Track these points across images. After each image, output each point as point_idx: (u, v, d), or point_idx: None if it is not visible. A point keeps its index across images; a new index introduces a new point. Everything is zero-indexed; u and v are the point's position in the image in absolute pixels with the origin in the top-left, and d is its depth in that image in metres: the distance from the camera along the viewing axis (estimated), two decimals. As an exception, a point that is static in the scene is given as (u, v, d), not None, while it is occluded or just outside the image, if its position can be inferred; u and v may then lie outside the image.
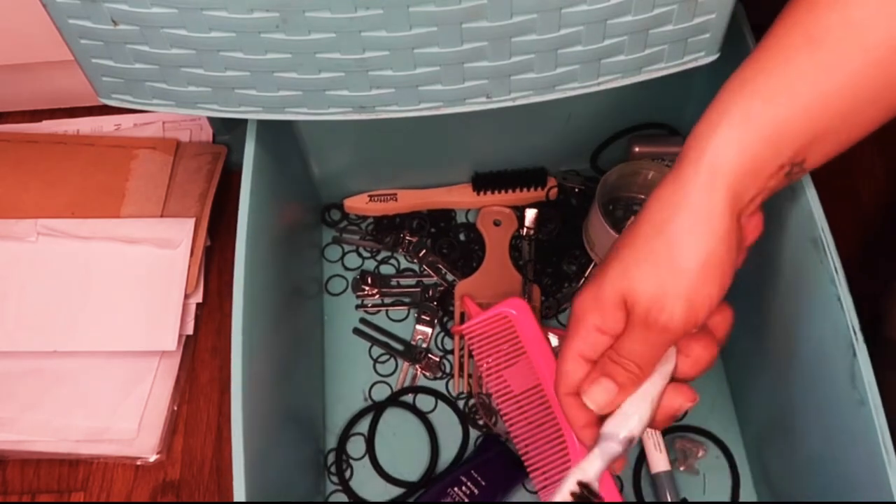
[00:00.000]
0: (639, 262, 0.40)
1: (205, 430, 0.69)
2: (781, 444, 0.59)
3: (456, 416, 0.68)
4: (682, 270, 0.39)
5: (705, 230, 0.39)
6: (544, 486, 0.61)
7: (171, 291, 0.71)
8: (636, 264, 0.40)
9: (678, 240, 0.39)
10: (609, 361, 0.42)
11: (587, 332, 0.42)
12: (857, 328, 0.46)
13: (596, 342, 0.42)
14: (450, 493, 0.63)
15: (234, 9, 0.43)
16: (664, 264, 0.39)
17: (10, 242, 0.74)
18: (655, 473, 0.63)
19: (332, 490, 0.66)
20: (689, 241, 0.39)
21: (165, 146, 0.79)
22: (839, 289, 0.47)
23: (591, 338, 0.42)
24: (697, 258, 0.39)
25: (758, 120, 0.39)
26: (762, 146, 0.39)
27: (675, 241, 0.39)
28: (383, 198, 0.75)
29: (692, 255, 0.39)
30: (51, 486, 0.67)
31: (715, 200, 0.39)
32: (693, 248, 0.39)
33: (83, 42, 0.47)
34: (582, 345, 0.43)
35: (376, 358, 0.70)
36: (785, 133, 0.39)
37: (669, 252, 0.39)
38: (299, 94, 0.49)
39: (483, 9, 0.44)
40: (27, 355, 0.70)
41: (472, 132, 0.67)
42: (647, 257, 0.40)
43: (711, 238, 0.39)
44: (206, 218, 0.74)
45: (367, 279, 0.73)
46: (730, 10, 0.48)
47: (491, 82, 0.49)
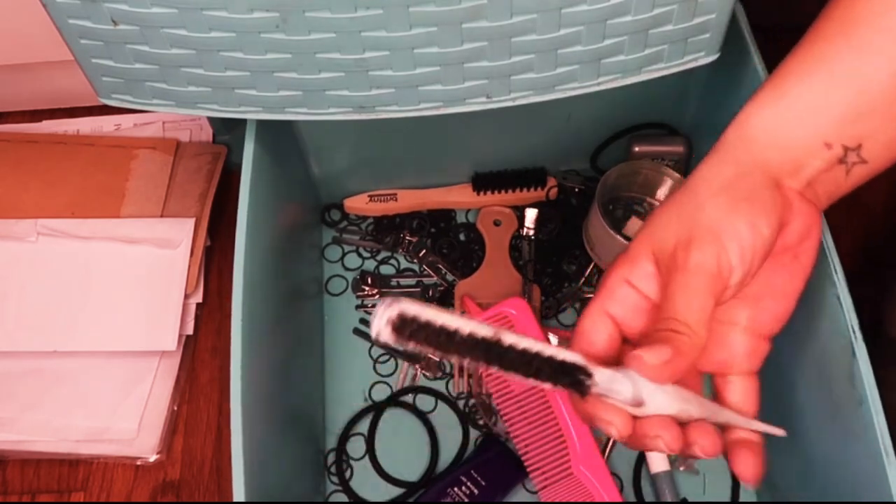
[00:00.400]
0: (665, 215, 0.38)
1: (205, 430, 0.69)
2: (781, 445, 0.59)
3: (456, 416, 0.68)
4: (707, 213, 0.37)
5: (734, 187, 0.37)
6: (544, 486, 0.61)
7: (171, 291, 0.71)
8: (662, 217, 0.39)
9: (705, 190, 0.38)
10: (656, 331, 0.37)
11: (614, 285, 0.39)
12: (856, 328, 0.46)
13: (624, 297, 0.39)
14: (450, 493, 0.63)
15: (234, 9, 0.43)
16: (689, 212, 0.38)
17: (10, 242, 0.74)
18: (655, 473, 0.64)
19: (332, 490, 0.65)
20: (718, 194, 0.37)
21: (165, 146, 0.79)
22: (839, 289, 0.47)
23: (619, 291, 0.39)
24: (725, 205, 0.37)
25: (792, 92, 0.38)
26: (800, 118, 0.38)
27: (701, 193, 0.38)
28: (383, 198, 0.75)
29: (720, 202, 0.37)
30: (51, 486, 0.67)
31: (747, 163, 0.38)
32: (721, 197, 0.37)
33: (83, 42, 0.47)
34: (608, 299, 0.39)
35: (376, 358, 0.70)
36: (822, 106, 0.38)
37: (696, 201, 0.38)
38: (299, 94, 0.49)
39: (483, 9, 0.44)
40: (27, 355, 0.70)
41: (472, 132, 0.67)
42: (672, 209, 0.38)
43: (739, 192, 0.37)
44: (206, 218, 0.74)
45: (367, 279, 0.73)
46: (730, 10, 0.49)
47: (491, 82, 0.49)
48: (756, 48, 0.55)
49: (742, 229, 0.37)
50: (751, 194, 0.37)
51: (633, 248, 0.39)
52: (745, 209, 0.37)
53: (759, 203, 0.37)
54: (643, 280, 0.38)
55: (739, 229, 0.36)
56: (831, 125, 0.38)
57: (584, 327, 0.39)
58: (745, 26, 0.56)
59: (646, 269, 0.38)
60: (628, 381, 0.36)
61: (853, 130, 0.38)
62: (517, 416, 0.63)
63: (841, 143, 0.38)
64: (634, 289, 0.39)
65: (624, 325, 0.39)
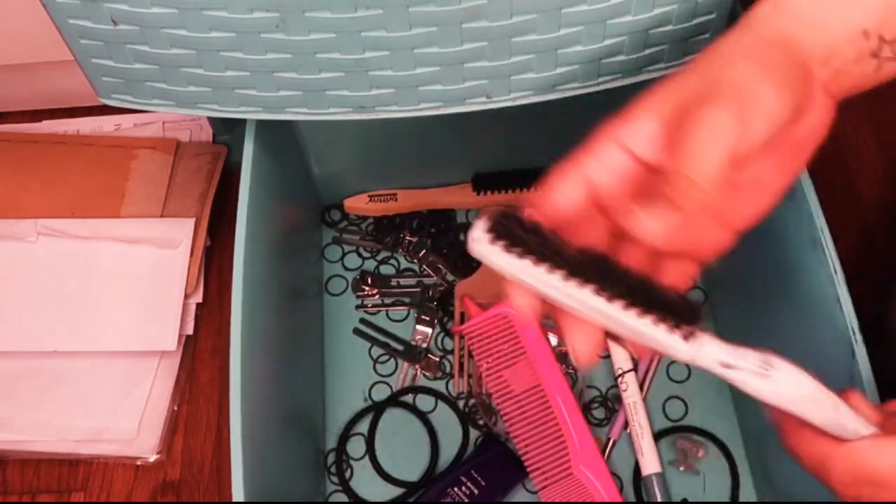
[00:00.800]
0: (683, 74, 0.35)
1: (205, 430, 0.69)
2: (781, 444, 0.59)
3: (456, 416, 0.68)
4: (735, 72, 0.34)
5: (766, 55, 0.34)
6: (544, 486, 0.61)
7: (171, 291, 0.71)
8: (679, 75, 0.35)
9: (734, 53, 0.35)
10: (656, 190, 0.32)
11: (601, 144, 0.34)
12: (856, 329, 0.46)
13: (610, 158, 0.33)
14: (450, 493, 0.63)
15: (234, 9, 0.43)
16: (714, 70, 0.34)
17: (10, 242, 0.74)
18: (646, 476, 0.63)
19: (332, 490, 0.65)
20: (747, 57, 0.34)
21: (165, 146, 0.79)
22: (839, 289, 0.47)
23: (606, 152, 0.33)
24: (755, 68, 0.34)
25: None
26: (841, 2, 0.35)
27: (729, 54, 0.35)
28: (383, 198, 0.75)
29: (750, 65, 0.34)
30: (51, 486, 0.67)
31: (780, 38, 0.35)
32: (751, 61, 0.34)
33: (83, 42, 0.47)
34: (589, 159, 0.33)
35: (376, 358, 0.70)
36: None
37: (722, 61, 0.34)
38: (299, 94, 0.49)
39: (483, 9, 0.44)
40: (27, 355, 0.70)
41: (472, 132, 0.67)
42: (693, 68, 0.35)
43: (770, 61, 0.34)
44: (206, 218, 0.74)
45: (367, 279, 0.73)
46: (729, 10, 0.49)
47: (491, 82, 0.49)
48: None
49: (770, 96, 0.33)
50: (781, 66, 0.34)
51: (636, 105, 0.34)
52: (775, 78, 0.34)
53: (790, 77, 0.34)
54: (640, 140, 0.33)
55: (767, 95, 0.33)
56: (872, 12, 0.36)
57: (551, 184, 0.34)
58: (745, 26, 0.56)
59: (646, 128, 0.33)
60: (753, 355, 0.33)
61: (893, 22, 0.36)
62: (517, 416, 0.63)
63: (878, 34, 0.36)
64: (626, 151, 0.34)
65: (603, 191, 0.34)
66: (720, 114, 0.32)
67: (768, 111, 0.33)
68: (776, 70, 0.34)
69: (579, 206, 0.34)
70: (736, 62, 0.34)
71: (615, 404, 0.67)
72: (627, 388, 0.65)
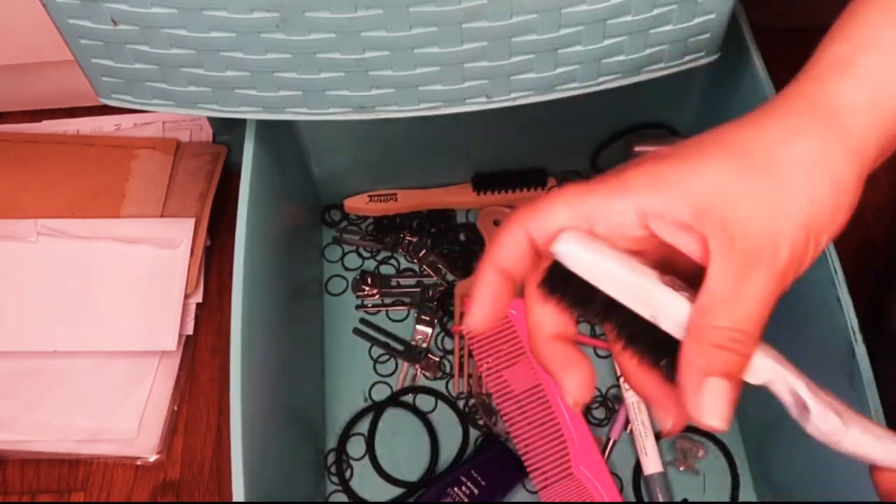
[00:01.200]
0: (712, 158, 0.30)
1: (205, 430, 0.69)
2: (781, 444, 0.59)
3: (456, 416, 0.68)
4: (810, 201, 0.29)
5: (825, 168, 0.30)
6: (544, 486, 0.61)
7: (171, 291, 0.71)
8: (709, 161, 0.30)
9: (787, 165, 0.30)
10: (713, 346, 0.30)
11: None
12: (856, 329, 0.46)
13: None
14: (450, 493, 0.63)
15: (234, 9, 0.43)
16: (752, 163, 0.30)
17: (10, 242, 0.74)
18: (648, 475, 0.64)
19: (332, 490, 0.66)
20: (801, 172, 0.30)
21: (165, 146, 0.79)
22: (839, 289, 0.47)
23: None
24: (828, 195, 0.30)
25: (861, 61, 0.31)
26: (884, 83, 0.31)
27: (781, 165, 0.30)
28: (383, 198, 0.75)
29: (825, 191, 0.30)
30: (51, 486, 0.67)
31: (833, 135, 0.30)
32: (821, 181, 0.30)
33: (83, 42, 0.47)
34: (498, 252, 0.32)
35: (376, 358, 0.70)
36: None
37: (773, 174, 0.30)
38: (299, 94, 0.49)
39: (483, 9, 0.44)
40: (27, 355, 0.70)
41: (472, 132, 0.67)
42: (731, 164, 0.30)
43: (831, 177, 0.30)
44: (206, 218, 0.74)
45: (367, 279, 0.73)
46: (730, 10, 0.49)
47: (491, 82, 0.49)
48: (756, 48, 0.55)
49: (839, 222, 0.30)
50: (842, 178, 0.30)
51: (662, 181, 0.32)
52: (841, 201, 0.30)
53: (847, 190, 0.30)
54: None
55: (839, 222, 0.30)
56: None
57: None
58: (745, 26, 0.56)
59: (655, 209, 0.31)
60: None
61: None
62: (517, 416, 0.63)
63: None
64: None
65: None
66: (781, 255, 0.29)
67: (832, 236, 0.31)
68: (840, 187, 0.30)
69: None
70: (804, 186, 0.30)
71: (615, 404, 0.67)
72: (630, 388, 0.65)
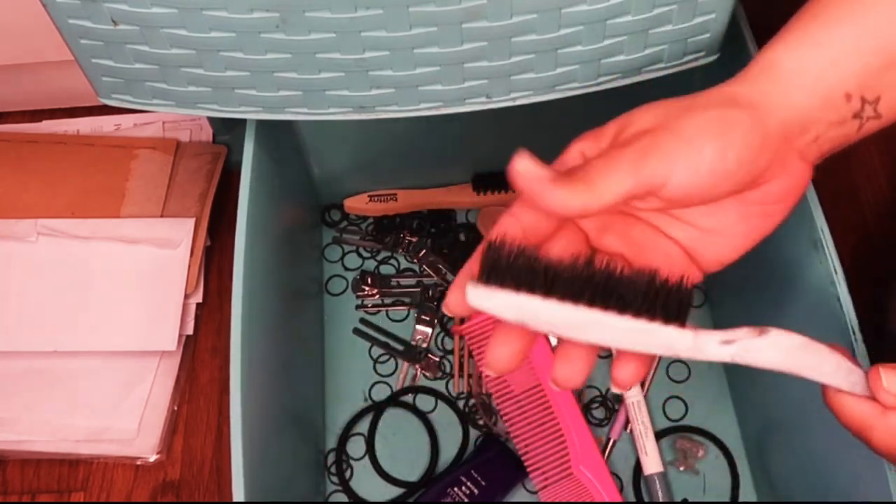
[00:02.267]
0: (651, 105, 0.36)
1: (205, 430, 0.69)
2: (781, 444, 0.59)
3: (456, 416, 0.68)
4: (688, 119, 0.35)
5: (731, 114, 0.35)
6: (544, 486, 0.61)
7: (171, 291, 0.71)
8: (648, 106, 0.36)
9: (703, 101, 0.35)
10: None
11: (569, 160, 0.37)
12: (856, 328, 0.46)
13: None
14: (450, 493, 0.63)
15: (234, 9, 0.43)
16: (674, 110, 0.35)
17: (10, 242, 0.74)
18: (648, 475, 0.64)
19: (332, 490, 0.66)
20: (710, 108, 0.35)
21: (165, 146, 0.79)
22: (839, 289, 0.47)
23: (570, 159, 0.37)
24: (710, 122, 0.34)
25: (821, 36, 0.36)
26: (828, 64, 0.36)
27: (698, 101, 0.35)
28: (383, 198, 0.75)
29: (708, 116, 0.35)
30: (51, 486, 0.67)
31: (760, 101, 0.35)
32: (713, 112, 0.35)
33: (83, 42, 0.47)
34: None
35: (376, 358, 0.70)
36: (851, 53, 0.36)
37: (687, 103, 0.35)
38: (299, 94, 0.49)
39: (483, 9, 0.44)
40: (27, 355, 0.70)
41: (472, 132, 0.67)
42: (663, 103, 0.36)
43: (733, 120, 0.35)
44: (206, 218, 0.74)
45: (367, 279, 0.73)
46: (730, 10, 0.48)
47: (491, 82, 0.49)
48: (756, 48, 0.55)
49: (707, 150, 0.34)
50: (740, 126, 0.35)
51: (602, 129, 0.37)
52: (723, 135, 0.34)
53: (743, 138, 0.34)
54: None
55: (703, 147, 0.34)
56: (853, 75, 0.36)
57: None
58: (745, 26, 0.56)
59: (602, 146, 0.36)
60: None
61: (875, 82, 0.36)
62: (517, 416, 0.63)
63: (860, 95, 0.36)
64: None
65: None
66: (648, 144, 0.34)
67: (697, 168, 0.34)
68: (730, 127, 0.34)
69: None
70: (695, 112, 0.35)
71: (615, 404, 0.67)
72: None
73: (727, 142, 0.34)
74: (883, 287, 0.64)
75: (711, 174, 0.34)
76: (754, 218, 0.37)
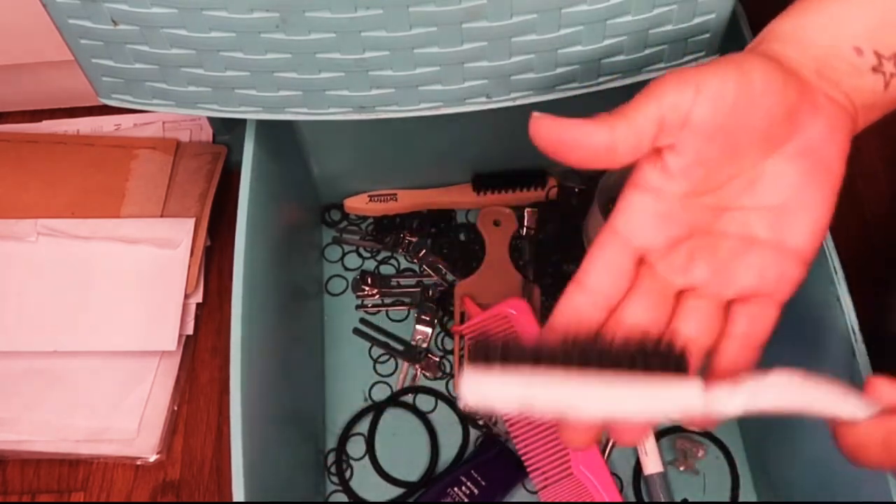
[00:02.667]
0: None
1: (205, 430, 0.69)
2: (781, 444, 0.59)
3: (456, 416, 0.68)
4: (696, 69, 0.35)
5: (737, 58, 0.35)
6: (544, 486, 0.61)
7: (171, 291, 0.71)
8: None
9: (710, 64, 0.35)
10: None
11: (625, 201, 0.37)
12: (856, 329, 0.46)
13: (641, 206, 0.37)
14: (450, 493, 0.63)
15: (234, 9, 0.43)
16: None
17: (10, 242, 0.74)
18: (648, 475, 0.64)
19: (332, 490, 0.66)
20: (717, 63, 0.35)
21: (165, 146, 0.79)
22: (839, 289, 0.47)
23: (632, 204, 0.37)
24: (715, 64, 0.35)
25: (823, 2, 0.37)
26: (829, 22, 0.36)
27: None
28: (383, 198, 0.75)
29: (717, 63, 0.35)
30: (51, 486, 0.67)
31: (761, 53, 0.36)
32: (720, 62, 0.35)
33: (83, 42, 0.47)
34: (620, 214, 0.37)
35: (376, 358, 0.70)
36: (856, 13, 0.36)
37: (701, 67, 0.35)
38: (299, 94, 0.49)
39: (483, 9, 0.44)
40: (27, 355, 0.70)
41: (472, 132, 0.67)
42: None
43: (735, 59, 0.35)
44: (206, 218, 0.74)
45: (367, 279, 0.73)
46: (730, 10, 0.49)
47: (491, 82, 0.49)
48: (756, 48, 0.55)
49: (730, 77, 0.34)
50: (762, 62, 0.35)
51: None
52: (747, 66, 0.35)
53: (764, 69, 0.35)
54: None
55: (727, 77, 0.34)
56: (863, 30, 0.36)
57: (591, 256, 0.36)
58: (745, 26, 0.56)
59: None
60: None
61: (890, 38, 0.36)
62: (517, 416, 0.63)
63: (873, 49, 0.36)
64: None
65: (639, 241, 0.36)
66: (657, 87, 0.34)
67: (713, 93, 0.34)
68: (753, 63, 0.35)
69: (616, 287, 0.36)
70: (709, 65, 0.35)
71: (615, 404, 0.67)
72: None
73: (749, 68, 0.34)
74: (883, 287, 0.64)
75: (737, 99, 0.34)
76: (814, 174, 0.36)
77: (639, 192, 0.37)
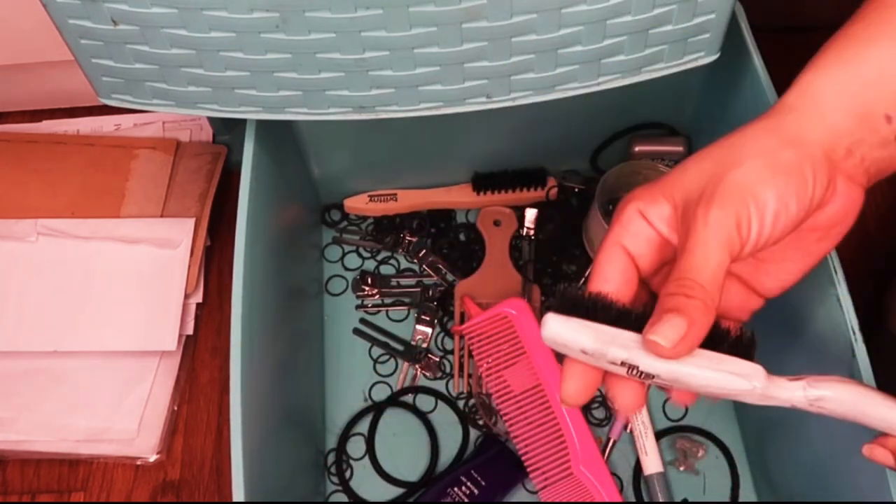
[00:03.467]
0: (696, 165, 0.36)
1: (205, 430, 0.69)
2: (781, 444, 0.59)
3: (456, 416, 0.68)
4: (741, 173, 0.35)
5: (777, 154, 0.35)
6: (544, 486, 0.61)
7: (171, 291, 0.71)
8: (693, 166, 0.36)
9: (747, 150, 0.36)
10: (667, 295, 0.34)
11: (629, 216, 0.37)
12: (856, 328, 0.46)
13: (638, 230, 0.37)
14: (450, 493, 0.63)
15: (234, 9, 0.43)
16: (723, 168, 0.35)
17: (10, 242, 0.74)
18: (648, 475, 0.64)
19: (332, 490, 0.66)
20: (757, 157, 0.35)
21: (165, 146, 0.79)
22: (839, 289, 0.47)
23: (634, 223, 0.37)
24: (761, 170, 0.35)
25: (858, 58, 0.37)
26: (866, 85, 0.36)
27: (741, 151, 0.36)
28: (383, 198, 0.75)
29: (757, 165, 0.35)
30: (51, 486, 0.67)
31: (798, 133, 0.36)
32: (760, 160, 0.35)
33: (83, 42, 0.47)
34: (622, 232, 0.37)
35: (376, 358, 0.70)
36: (889, 74, 0.36)
37: (732, 158, 0.35)
38: (299, 94, 0.49)
39: (483, 9, 0.44)
40: (27, 355, 0.70)
41: (472, 132, 0.67)
42: (706, 161, 0.36)
43: (780, 161, 0.35)
44: (206, 218, 0.74)
45: (367, 279, 0.73)
46: (730, 10, 0.49)
47: (491, 82, 0.49)
48: (756, 48, 0.55)
49: (770, 201, 0.34)
50: (792, 167, 0.35)
51: (656, 187, 0.37)
52: (780, 181, 0.35)
53: (798, 178, 0.35)
54: (658, 219, 0.37)
55: (767, 200, 0.34)
56: (891, 97, 0.36)
57: (600, 261, 0.37)
58: (745, 26, 0.56)
59: (663, 210, 0.36)
60: None
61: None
62: (517, 416, 0.63)
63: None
64: (648, 222, 0.37)
65: (638, 259, 0.37)
66: (719, 217, 0.34)
67: (765, 215, 0.34)
68: (786, 173, 0.35)
69: (627, 275, 0.37)
70: (744, 162, 0.35)
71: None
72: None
73: (784, 183, 0.35)
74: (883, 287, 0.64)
75: (776, 221, 0.35)
76: (812, 244, 0.38)
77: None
